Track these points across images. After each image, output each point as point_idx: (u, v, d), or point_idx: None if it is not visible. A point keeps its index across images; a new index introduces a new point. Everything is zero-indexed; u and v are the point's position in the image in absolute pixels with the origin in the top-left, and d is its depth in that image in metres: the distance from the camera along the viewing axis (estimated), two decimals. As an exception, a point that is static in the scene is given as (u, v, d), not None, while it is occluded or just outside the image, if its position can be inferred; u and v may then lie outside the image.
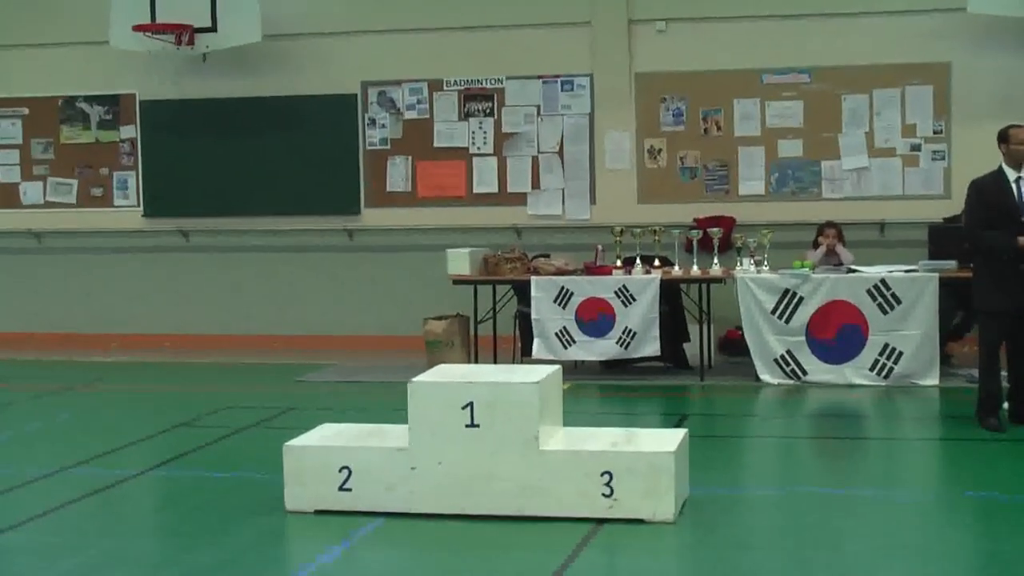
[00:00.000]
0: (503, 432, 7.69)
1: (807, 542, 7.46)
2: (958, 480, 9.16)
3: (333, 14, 15.91)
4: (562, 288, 13.06)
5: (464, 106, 15.76)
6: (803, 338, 12.54)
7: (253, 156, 16.13)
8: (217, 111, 16.18)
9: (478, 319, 13.61)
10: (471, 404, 7.74)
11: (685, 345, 13.69)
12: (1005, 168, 10.05)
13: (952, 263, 12.56)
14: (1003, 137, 10.10)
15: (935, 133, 14.71)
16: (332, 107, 15.97)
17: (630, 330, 12.92)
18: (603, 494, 7.63)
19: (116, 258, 16.63)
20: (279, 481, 8.09)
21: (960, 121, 14.61)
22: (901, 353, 12.32)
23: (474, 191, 15.77)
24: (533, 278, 13.24)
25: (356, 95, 15.99)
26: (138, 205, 16.63)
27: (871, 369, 12.41)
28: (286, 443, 8.16)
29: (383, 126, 15.95)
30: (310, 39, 15.98)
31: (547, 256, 13.82)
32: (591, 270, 13.41)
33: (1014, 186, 9.98)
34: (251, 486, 8.80)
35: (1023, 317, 10.02)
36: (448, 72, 15.76)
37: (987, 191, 10.10)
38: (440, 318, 14.11)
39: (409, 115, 15.88)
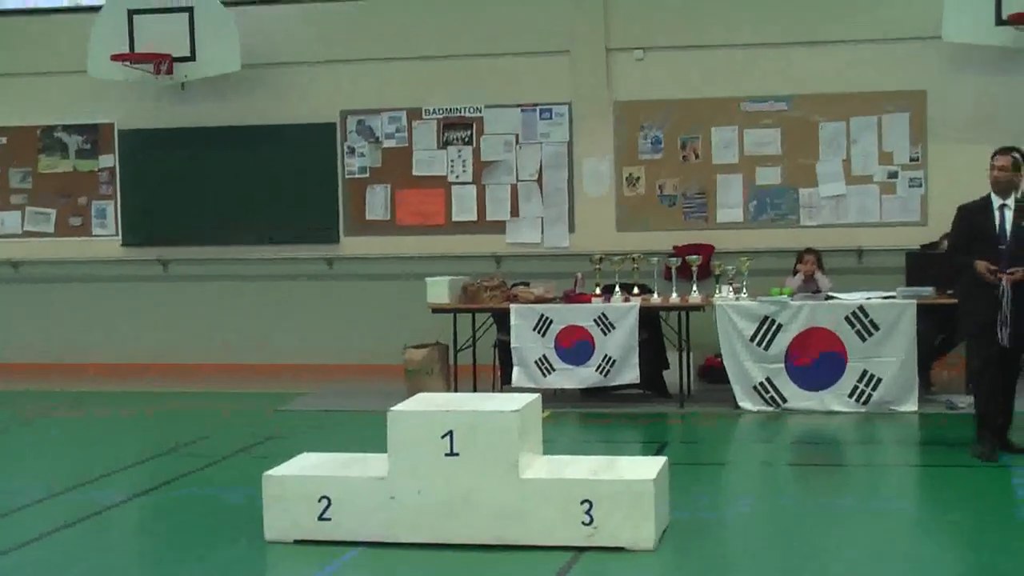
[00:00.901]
0: (483, 460, 7.68)
1: (789, 567, 7.46)
2: (938, 504, 9.17)
3: (312, 43, 15.94)
4: (541, 316, 13.06)
5: (443, 134, 15.79)
6: (782, 365, 12.56)
7: (232, 185, 16.14)
8: (196, 140, 16.18)
9: (458, 347, 13.61)
10: (451, 433, 7.73)
11: (664, 372, 13.69)
12: (992, 195, 10.07)
13: (929, 289, 12.60)
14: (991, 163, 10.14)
15: (912, 160, 14.79)
16: (311, 136, 15.99)
17: (609, 358, 12.93)
18: (583, 522, 7.62)
19: (95, 287, 16.60)
20: (259, 510, 8.06)
21: (936, 148, 14.69)
22: (880, 379, 12.34)
23: (453, 219, 15.79)
24: (512, 306, 13.24)
25: (335, 124, 16.02)
26: (117, 234, 16.62)
27: (850, 396, 12.43)
28: (265, 472, 8.14)
29: (362, 154, 15.97)
30: (289, 68, 16.01)
31: (526, 284, 13.83)
32: (570, 298, 13.41)
33: (997, 213, 9.99)
34: (231, 515, 8.76)
35: (1007, 347, 9.97)
36: (427, 101, 15.80)
37: (969, 216, 10.16)
38: (420, 346, 14.08)
39: (388, 143, 15.91)
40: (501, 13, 15.61)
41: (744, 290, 13.02)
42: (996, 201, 10.03)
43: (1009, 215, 9.97)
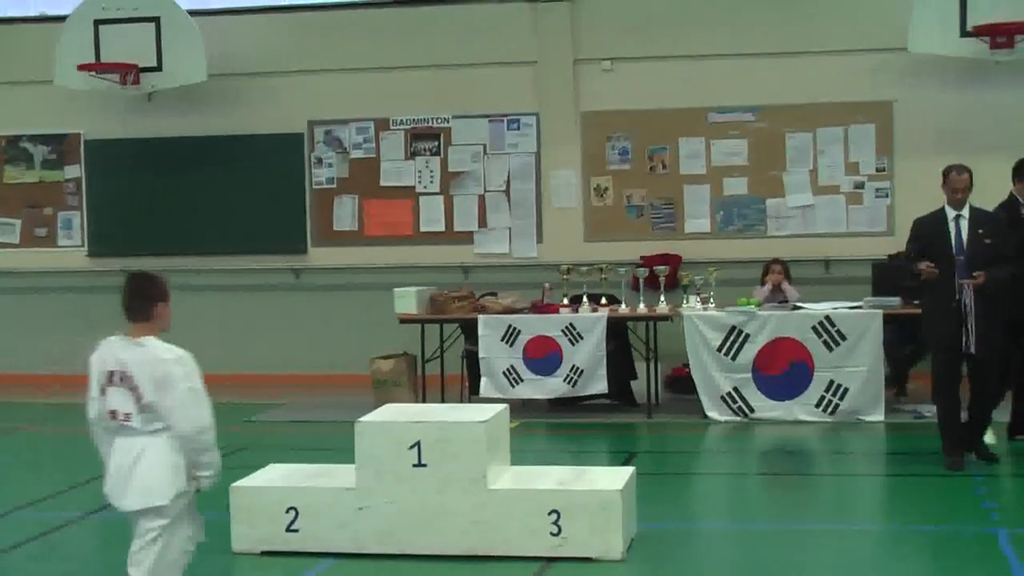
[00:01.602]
0: (451, 471, 7.68)
1: (755, 578, 7.48)
2: (905, 514, 9.21)
3: (279, 53, 15.90)
4: (509, 326, 13.06)
5: (411, 145, 15.78)
6: (750, 375, 12.59)
7: (199, 195, 16.08)
8: (163, 150, 16.12)
9: (425, 358, 13.59)
10: (419, 443, 7.73)
11: (632, 383, 13.70)
12: (946, 207, 10.13)
13: (896, 300, 12.66)
14: (944, 177, 10.16)
15: (878, 171, 14.85)
16: (279, 146, 15.95)
17: (577, 368, 12.93)
18: (551, 532, 7.63)
19: (60, 298, 16.50)
20: (226, 522, 8.03)
21: (903, 159, 14.75)
22: (847, 389, 12.38)
23: (421, 229, 15.77)
24: (480, 316, 13.24)
25: (302, 134, 15.98)
26: (83, 245, 16.54)
27: (817, 405, 12.46)
28: (233, 484, 8.12)
29: (330, 165, 15.94)
30: (256, 78, 15.95)
31: (494, 294, 13.83)
32: (538, 308, 13.42)
33: (952, 224, 10.05)
34: (197, 527, 8.71)
35: (970, 356, 10.02)
36: (394, 111, 15.78)
37: (924, 228, 10.24)
38: (387, 357, 14.07)
39: (356, 154, 15.89)
40: (469, 24, 15.61)
41: (712, 300, 13.06)
42: (951, 213, 10.08)
43: (965, 226, 10.04)
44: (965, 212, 10.06)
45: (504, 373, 13.09)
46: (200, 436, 6.03)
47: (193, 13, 15.56)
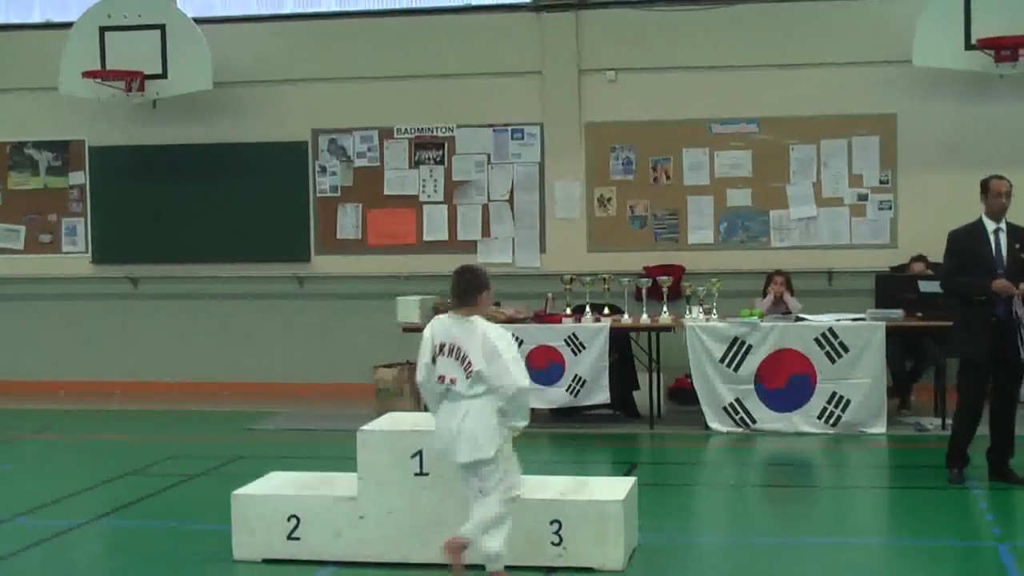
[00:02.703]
0: (452, 480, 7.68)
1: (756, 590, 7.48)
2: (907, 528, 9.21)
3: (284, 62, 15.92)
4: (513, 336, 13.03)
5: (415, 154, 15.79)
6: (752, 386, 12.60)
7: (203, 203, 16.09)
8: (167, 158, 16.13)
9: (428, 367, 13.57)
10: (420, 453, 7.74)
11: (635, 393, 13.71)
12: (984, 219, 9.94)
13: (899, 312, 12.67)
14: (984, 188, 9.97)
15: (882, 183, 14.85)
16: (283, 154, 15.96)
17: (580, 378, 12.94)
18: (552, 542, 7.63)
19: (64, 305, 16.52)
20: (227, 530, 8.04)
21: (906, 171, 14.76)
22: (849, 401, 12.39)
23: (424, 239, 15.78)
24: (483, 326, 13.22)
25: (307, 142, 15.99)
26: (87, 252, 16.55)
27: (819, 417, 12.47)
28: (234, 492, 8.12)
29: (333, 173, 15.95)
30: (261, 87, 15.98)
31: (497, 304, 13.79)
32: (541, 318, 13.43)
33: (992, 237, 9.87)
34: (199, 535, 8.74)
35: (1000, 370, 9.91)
36: (399, 120, 15.79)
37: (962, 241, 10.00)
38: (390, 366, 14.08)
39: (360, 163, 15.89)
40: (473, 33, 15.63)
41: (714, 311, 13.07)
42: (990, 225, 9.90)
43: (1004, 239, 9.86)
44: (1003, 225, 9.88)
45: (506, 383, 13.07)
46: (522, 395, 7.14)
47: (198, 21, 15.59)
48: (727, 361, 12.64)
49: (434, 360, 7.24)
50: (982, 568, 7.90)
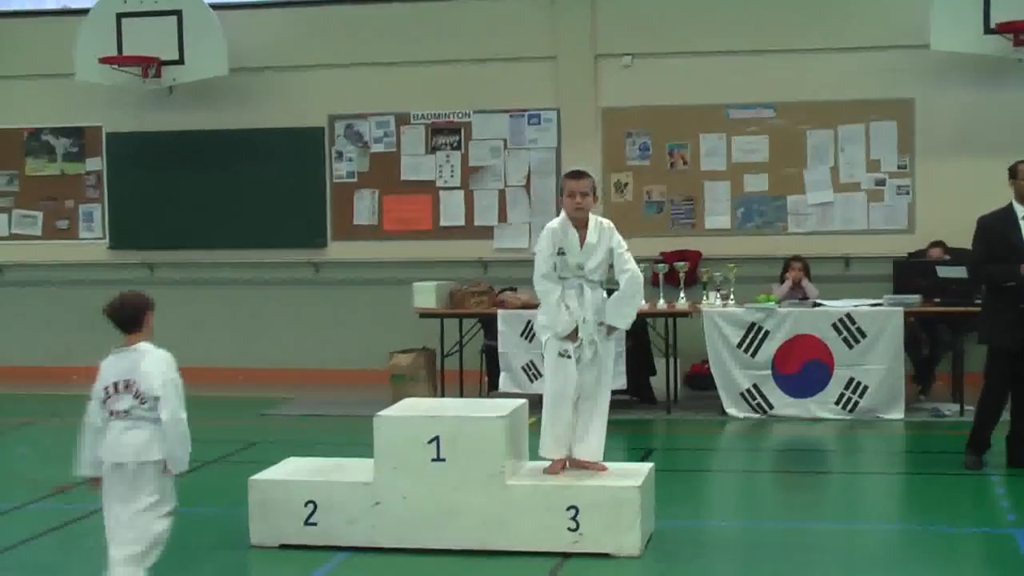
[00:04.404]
0: (469, 466, 7.68)
1: (772, 576, 7.46)
2: (923, 514, 9.18)
3: (300, 48, 15.91)
4: (528, 322, 13.03)
5: (431, 139, 15.78)
6: (769, 372, 12.58)
7: (219, 189, 16.11)
8: (183, 144, 16.14)
9: (444, 353, 13.60)
10: (437, 438, 7.74)
11: (651, 379, 13.69)
12: (1015, 204, 9.81)
13: (916, 297, 12.63)
14: (1012, 173, 9.85)
15: (899, 168, 14.80)
16: (299, 140, 15.96)
17: (596, 364, 12.90)
18: (568, 528, 7.63)
19: (81, 291, 16.52)
20: (243, 516, 8.05)
21: (924, 156, 14.70)
22: (866, 387, 12.37)
23: (441, 224, 15.77)
24: (499, 312, 13.24)
25: (323, 128, 15.99)
26: (103, 237, 16.58)
27: (836, 403, 12.45)
28: (251, 477, 8.13)
29: (350, 159, 15.95)
30: (277, 72, 15.98)
31: (513, 290, 13.83)
32: (557, 304, 13.38)
33: (1022, 223, 9.75)
34: (215, 521, 8.75)
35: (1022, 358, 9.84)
36: (415, 106, 15.78)
37: (991, 228, 9.86)
38: (406, 351, 14.08)
39: (376, 148, 15.89)
40: (489, 18, 15.60)
41: (731, 297, 13.04)
42: (1020, 211, 9.77)
43: None
44: None
45: (523, 368, 13.10)
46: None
47: (215, 7, 15.58)
48: (744, 347, 12.63)
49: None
50: (997, 554, 7.87)
